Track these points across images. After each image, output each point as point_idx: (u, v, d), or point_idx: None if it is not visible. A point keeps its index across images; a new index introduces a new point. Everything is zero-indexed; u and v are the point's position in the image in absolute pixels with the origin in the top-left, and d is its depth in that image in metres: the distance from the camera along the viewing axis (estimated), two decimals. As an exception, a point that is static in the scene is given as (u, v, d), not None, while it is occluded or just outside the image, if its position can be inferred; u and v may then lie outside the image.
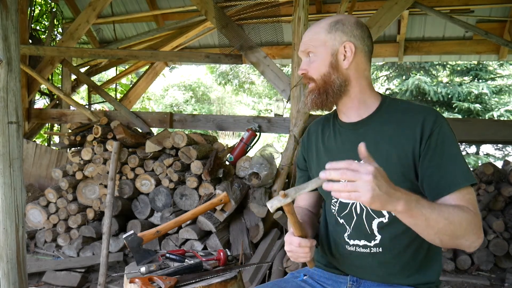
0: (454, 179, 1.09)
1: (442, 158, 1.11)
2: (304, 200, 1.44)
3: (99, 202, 3.48)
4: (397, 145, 1.16)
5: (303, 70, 1.25)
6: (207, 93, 14.51)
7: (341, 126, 1.30)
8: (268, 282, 1.49)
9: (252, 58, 3.77)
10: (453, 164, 1.11)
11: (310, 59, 1.23)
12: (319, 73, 1.21)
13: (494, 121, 6.20)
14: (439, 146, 1.12)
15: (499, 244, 3.17)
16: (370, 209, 1.20)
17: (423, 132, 1.13)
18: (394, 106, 1.23)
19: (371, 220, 1.20)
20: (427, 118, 1.14)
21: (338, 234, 1.28)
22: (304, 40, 1.25)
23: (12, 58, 1.89)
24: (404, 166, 1.15)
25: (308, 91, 1.26)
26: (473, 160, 8.37)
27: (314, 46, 1.22)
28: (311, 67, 1.22)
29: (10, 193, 1.90)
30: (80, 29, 4.37)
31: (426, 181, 1.13)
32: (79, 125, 3.77)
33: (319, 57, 1.21)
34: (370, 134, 1.21)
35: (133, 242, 1.62)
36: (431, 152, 1.12)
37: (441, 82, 9.46)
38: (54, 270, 3.02)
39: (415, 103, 1.27)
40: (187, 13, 5.12)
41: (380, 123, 1.21)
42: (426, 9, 3.75)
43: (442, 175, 1.10)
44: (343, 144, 1.26)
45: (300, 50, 1.27)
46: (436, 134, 1.12)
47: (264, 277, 2.82)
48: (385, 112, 1.22)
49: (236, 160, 3.54)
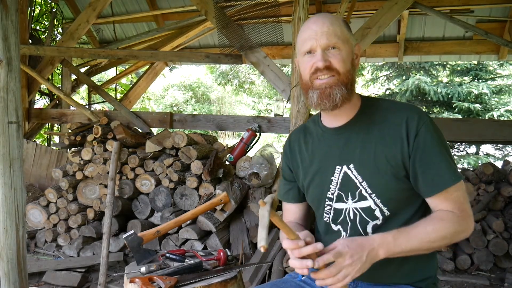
0: (441, 178, 1.12)
1: (430, 157, 1.13)
2: (293, 214, 1.41)
3: (99, 202, 3.48)
4: (384, 146, 1.16)
5: (326, 61, 1.14)
6: (207, 93, 14.50)
7: (324, 132, 1.28)
8: (267, 282, 1.49)
9: (252, 58, 3.77)
10: (441, 163, 1.13)
11: (332, 53, 1.15)
12: (345, 67, 1.16)
13: (494, 121, 6.19)
14: (427, 145, 1.13)
15: (498, 244, 3.17)
16: (363, 212, 1.20)
17: (408, 131, 1.14)
18: (375, 105, 1.23)
19: (365, 224, 1.20)
20: (410, 117, 1.15)
21: (333, 241, 1.27)
22: (325, 31, 1.15)
23: (12, 58, 1.89)
24: (393, 167, 1.15)
25: (327, 85, 1.15)
26: (473, 160, 8.36)
27: (340, 40, 1.16)
28: (336, 59, 1.15)
29: (10, 193, 1.90)
30: (80, 29, 4.37)
31: (419, 180, 1.15)
32: (79, 125, 3.77)
33: (344, 52, 1.16)
34: (355, 137, 1.20)
35: (133, 242, 1.62)
36: (420, 152, 1.13)
37: (441, 82, 9.45)
38: (54, 270, 3.02)
39: (395, 101, 1.27)
40: (187, 13, 5.12)
41: (365, 124, 1.20)
42: (426, 9, 3.75)
43: (434, 174, 1.13)
44: (330, 148, 1.24)
45: (320, 42, 1.15)
46: (423, 133, 1.13)
47: (264, 277, 2.82)
48: (368, 113, 1.22)
49: (236, 160, 3.54)
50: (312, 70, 1.16)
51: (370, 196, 1.18)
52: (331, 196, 1.24)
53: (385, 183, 1.16)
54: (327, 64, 1.14)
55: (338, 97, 1.14)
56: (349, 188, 1.21)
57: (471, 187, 3.42)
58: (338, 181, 1.22)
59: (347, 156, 1.20)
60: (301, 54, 1.21)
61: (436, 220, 1.10)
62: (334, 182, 1.23)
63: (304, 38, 1.19)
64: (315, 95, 1.16)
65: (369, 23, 3.36)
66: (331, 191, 1.24)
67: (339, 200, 1.22)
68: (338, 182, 1.22)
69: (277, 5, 4.61)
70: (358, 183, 1.19)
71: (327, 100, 1.15)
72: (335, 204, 1.23)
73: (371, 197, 1.18)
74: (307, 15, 3.21)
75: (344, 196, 1.22)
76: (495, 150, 9.26)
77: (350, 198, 1.21)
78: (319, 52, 1.15)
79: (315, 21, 1.18)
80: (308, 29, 1.18)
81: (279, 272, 2.80)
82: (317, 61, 1.14)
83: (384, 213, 1.18)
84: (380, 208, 1.18)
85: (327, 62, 1.14)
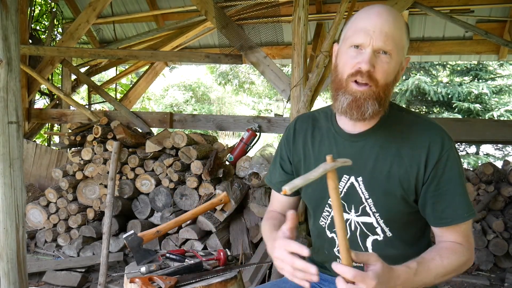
0: (457, 213, 1.07)
1: (447, 187, 1.07)
2: (281, 204, 1.33)
3: (99, 202, 3.48)
4: (400, 166, 1.08)
5: (370, 65, 1.00)
6: (207, 93, 14.50)
7: (337, 134, 1.17)
8: (267, 282, 1.49)
9: (252, 58, 3.77)
10: (458, 196, 1.07)
11: (381, 58, 1.01)
12: (386, 79, 1.03)
13: (494, 121, 6.20)
14: (446, 174, 1.06)
15: (498, 244, 3.18)
16: (364, 227, 1.15)
17: (428, 157, 1.06)
18: (399, 118, 1.13)
19: (365, 237, 1.16)
20: (434, 140, 1.06)
21: (328, 247, 1.22)
22: (385, 31, 1.00)
23: (12, 58, 1.89)
24: (404, 190, 1.09)
25: (362, 94, 1.02)
26: (473, 160, 8.37)
27: (395, 47, 1.02)
28: (382, 68, 1.01)
29: (10, 193, 1.90)
30: (80, 29, 4.37)
31: (429, 208, 1.09)
32: (79, 125, 3.77)
33: (393, 61, 1.02)
34: (370, 149, 1.11)
35: (133, 242, 1.62)
36: (437, 180, 1.07)
37: (441, 82, 9.46)
38: (54, 270, 3.02)
39: (420, 116, 1.15)
40: (187, 13, 5.12)
41: (383, 137, 1.11)
42: (426, 9, 3.75)
43: (446, 207, 1.07)
44: (340, 155, 1.12)
45: (375, 42, 1.00)
46: (444, 161, 1.06)
47: (264, 277, 2.82)
48: (389, 125, 1.11)
49: (236, 160, 3.54)
50: (354, 71, 1.02)
51: (373, 214, 1.13)
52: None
53: (392, 205, 1.11)
54: (371, 70, 1.01)
55: (368, 112, 1.03)
56: (353, 201, 1.14)
57: (471, 187, 3.41)
58: (342, 190, 1.15)
59: (358, 167, 1.11)
60: (346, 44, 1.06)
61: (450, 253, 1.05)
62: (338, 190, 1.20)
63: (358, 28, 1.03)
64: (346, 101, 1.04)
65: (369, 23, 3.36)
66: None
67: None
68: (343, 191, 1.15)
69: (277, 5, 4.61)
70: (364, 198, 1.13)
71: (356, 111, 1.03)
72: None
73: (375, 215, 1.13)
74: (307, 15, 3.21)
75: (346, 207, 1.16)
76: (495, 150, 9.26)
77: (353, 210, 1.15)
78: (369, 52, 1.00)
79: (379, 14, 1.02)
80: (368, 20, 1.02)
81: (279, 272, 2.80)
82: (363, 62, 1.00)
83: (385, 232, 1.14)
84: (382, 228, 1.14)
85: (372, 68, 1.01)
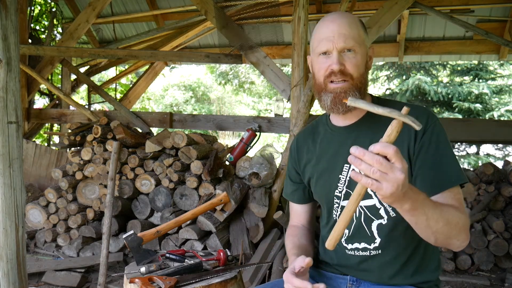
0: (448, 177, 1.11)
1: (435, 156, 1.12)
2: (299, 216, 1.43)
3: (99, 202, 3.48)
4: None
5: (340, 64, 1.14)
6: (207, 93, 14.50)
7: (333, 130, 1.29)
8: (268, 282, 1.49)
9: (252, 58, 3.76)
10: (446, 163, 1.12)
11: (347, 56, 1.15)
12: (359, 71, 1.16)
13: (494, 121, 6.19)
14: (432, 144, 1.13)
15: (499, 244, 3.17)
16: (367, 211, 1.20)
17: (416, 130, 1.12)
18: (385, 103, 1.23)
19: (370, 222, 1.20)
20: (420, 115, 1.14)
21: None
22: (343, 33, 1.14)
23: (12, 58, 1.89)
24: None
25: (341, 89, 1.16)
26: (473, 160, 8.37)
27: (356, 43, 1.15)
28: (351, 63, 1.15)
29: (10, 193, 1.89)
30: (80, 29, 4.37)
31: (420, 178, 1.13)
32: (79, 125, 3.77)
33: (359, 55, 1.16)
34: (364, 136, 1.21)
35: (133, 242, 1.62)
36: (424, 150, 1.13)
37: (441, 82, 9.46)
38: (54, 270, 3.02)
39: (405, 103, 1.25)
40: (187, 13, 5.11)
41: (374, 124, 1.19)
42: (426, 9, 3.75)
43: (436, 173, 1.11)
44: (339, 147, 1.24)
45: (337, 44, 1.14)
46: (430, 133, 1.13)
47: (264, 277, 2.82)
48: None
49: (236, 160, 3.54)
50: (327, 73, 1.16)
51: (374, 194, 1.17)
52: (339, 195, 1.24)
53: None
54: (342, 68, 1.14)
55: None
56: (355, 187, 1.19)
57: (471, 187, 3.41)
58: (346, 179, 1.22)
59: None
60: (316, 54, 1.20)
61: (454, 207, 1.06)
62: (342, 180, 1.22)
63: (320, 38, 1.17)
64: (329, 99, 1.17)
65: (369, 23, 3.36)
66: (339, 189, 1.23)
67: (346, 198, 1.22)
68: (346, 180, 1.22)
69: (277, 5, 4.61)
70: None
71: (340, 105, 1.16)
72: (343, 202, 1.23)
73: (377, 196, 1.16)
74: (307, 15, 3.21)
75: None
76: (495, 150, 9.26)
77: None
78: (335, 54, 1.14)
79: (333, 20, 1.17)
80: (326, 28, 1.17)
81: (279, 272, 2.80)
82: (333, 64, 1.14)
83: (389, 212, 1.18)
84: (385, 208, 1.18)
85: (342, 66, 1.14)
